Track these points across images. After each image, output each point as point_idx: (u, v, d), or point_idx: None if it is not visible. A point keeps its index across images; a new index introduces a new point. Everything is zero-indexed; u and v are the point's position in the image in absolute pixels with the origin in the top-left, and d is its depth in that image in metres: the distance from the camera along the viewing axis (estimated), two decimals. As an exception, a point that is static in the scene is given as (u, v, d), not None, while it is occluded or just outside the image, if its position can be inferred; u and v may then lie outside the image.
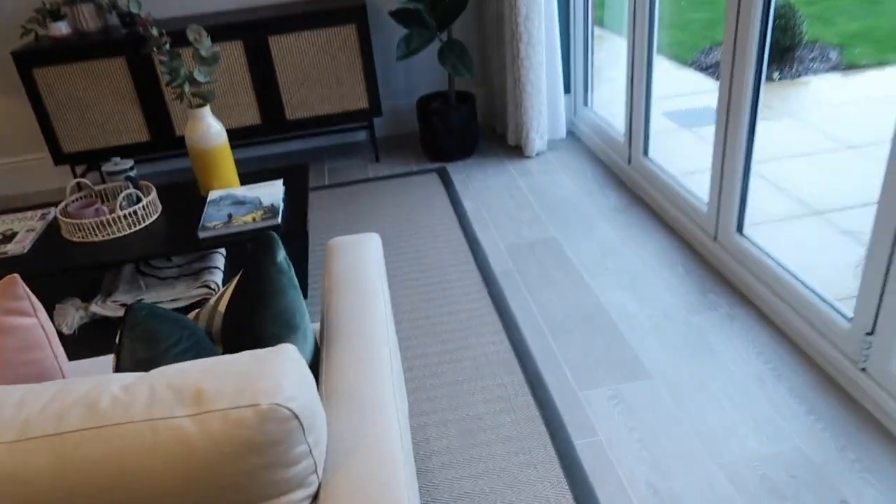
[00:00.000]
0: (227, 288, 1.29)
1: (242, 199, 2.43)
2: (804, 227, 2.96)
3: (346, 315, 1.27)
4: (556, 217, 3.08)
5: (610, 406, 1.98)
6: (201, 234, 2.25)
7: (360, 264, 1.44)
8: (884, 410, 1.79)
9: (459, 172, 3.62)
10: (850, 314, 1.94)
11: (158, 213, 2.47)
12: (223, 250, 2.65)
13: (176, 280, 2.46)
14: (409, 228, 3.12)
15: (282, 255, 1.22)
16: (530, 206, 3.20)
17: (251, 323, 1.15)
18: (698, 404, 1.95)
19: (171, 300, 2.38)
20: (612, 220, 3.00)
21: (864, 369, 1.86)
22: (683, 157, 3.71)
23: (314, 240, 3.11)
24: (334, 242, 1.57)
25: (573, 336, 2.30)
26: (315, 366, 1.21)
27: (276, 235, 1.24)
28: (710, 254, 2.62)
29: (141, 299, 2.37)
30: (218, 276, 2.44)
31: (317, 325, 1.55)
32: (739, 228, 2.47)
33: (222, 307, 1.23)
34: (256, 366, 0.88)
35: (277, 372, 0.87)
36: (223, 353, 1.22)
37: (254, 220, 2.28)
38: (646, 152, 3.16)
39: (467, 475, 1.79)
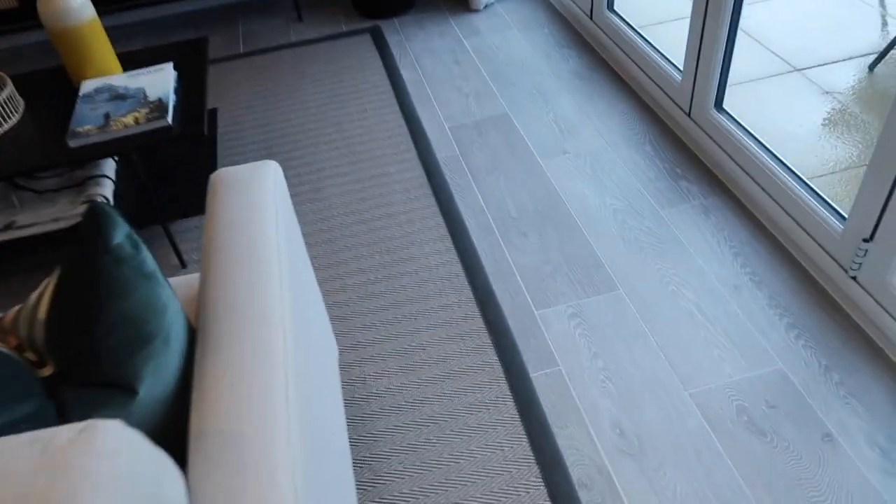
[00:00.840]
0: (46, 283, 0.93)
1: (123, 93, 1.96)
2: (785, 87, 2.63)
3: (229, 306, 0.95)
4: (508, 87, 2.68)
5: (570, 327, 1.75)
6: (71, 143, 1.82)
7: (250, 219, 1.09)
8: (874, 324, 1.60)
9: (395, 32, 3.11)
10: (845, 214, 1.69)
11: (21, 113, 2.00)
12: (114, 150, 2.21)
13: (57, 193, 2.05)
14: (337, 107, 2.69)
15: (121, 233, 0.87)
16: (478, 74, 2.78)
17: (80, 341, 0.82)
18: (669, 320, 1.73)
19: (52, 220, 1.99)
20: (573, 89, 2.61)
21: (854, 278, 1.64)
22: (657, 8, 3.24)
23: (227, 122, 2.66)
24: (218, 179, 1.20)
25: (528, 240, 2.02)
26: (189, 371, 0.91)
27: (107, 209, 0.87)
28: (683, 131, 2.30)
29: (13, 221, 1.97)
30: (107, 188, 2.04)
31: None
32: (718, 103, 2.13)
33: (42, 313, 0.89)
34: (44, 476, 0.57)
35: (78, 483, 0.56)
36: (55, 373, 0.90)
37: (136, 121, 1.84)
38: (610, 5, 2.70)
39: (411, 422, 1.58)
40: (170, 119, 1.85)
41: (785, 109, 2.50)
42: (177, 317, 0.90)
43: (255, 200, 1.13)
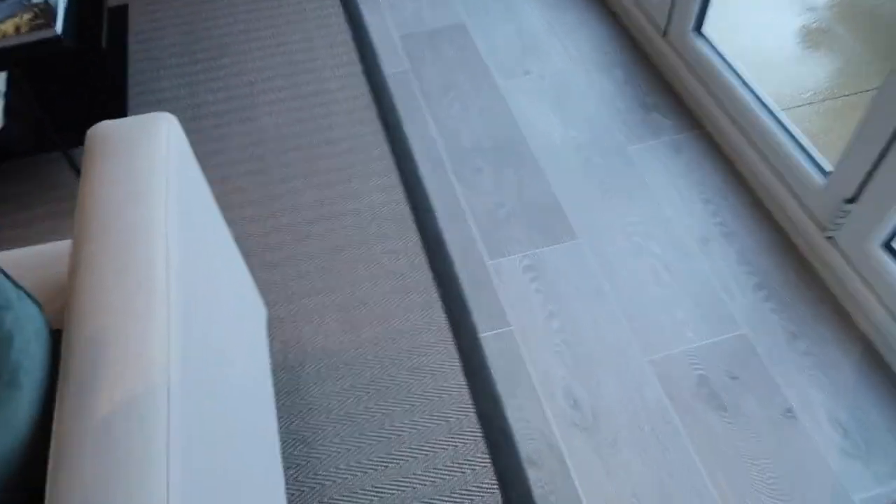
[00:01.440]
0: None
1: (2, -14, 1.62)
2: (765, 1, 2.41)
3: (99, 317, 0.75)
4: (467, -8, 2.37)
5: (525, 281, 1.61)
6: (-64, 53, 1.50)
7: (131, 198, 0.86)
8: (847, 292, 1.50)
9: (341, -84, 2.71)
10: (828, 168, 1.55)
11: None
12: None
13: (-70, 109, 1.74)
14: (272, 7, 2.35)
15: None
16: (434, -26, 2.45)
17: None
18: (631, 274, 1.60)
19: (-72, 140, 1.69)
20: (538, -2, 2.33)
21: (830, 237, 1.53)
22: None
23: (141, 21, 2.30)
24: (96, 138, 0.96)
25: (483, 177, 1.82)
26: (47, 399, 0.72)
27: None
28: (657, 54, 2.08)
29: None
30: (-9, 105, 1.73)
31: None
32: (698, 26, 1.91)
33: None
34: None
35: None
36: None
37: (17, 29, 1.52)
38: None
39: (349, 388, 1.44)
40: (59, 27, 1.54)
41: (764, 29, 2.30)
42: (28, 344, 0.70)
43: (141, 171, 0.90)
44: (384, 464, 1.33)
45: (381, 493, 1.29)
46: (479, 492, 1.29)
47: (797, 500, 1.27)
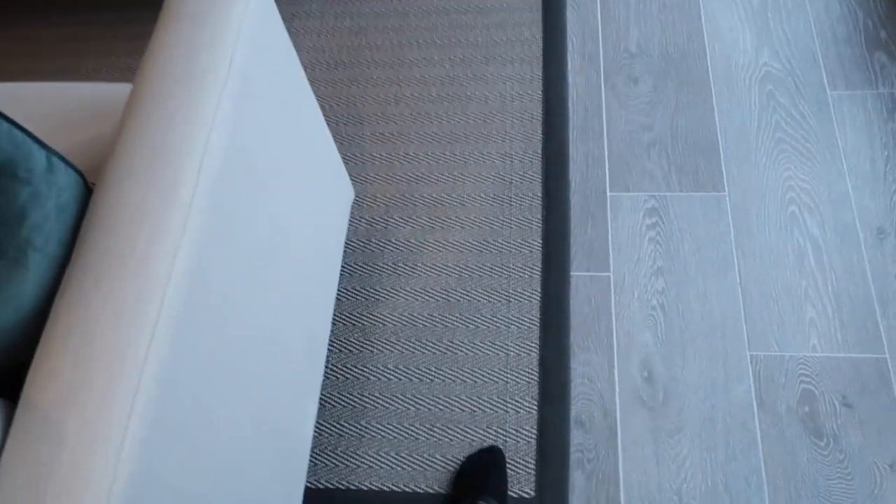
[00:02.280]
0: None
1: None
2: None
3: (116, 212, 0.71)
4: None
5: (643, 226, 1.41)
6: None
7: (190, 68, 0.79)
8: None
9: None
10: None
11: None
12: None
13: None
14: None
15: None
16: None
17: None
18: (771, 250, 1.35)
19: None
20: None
21: None
22: None
23: None
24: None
25: (637, 88, 1.57)
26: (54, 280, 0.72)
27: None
28: (915, -26, 1.60)
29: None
30: None
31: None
32: None
33: None
34: None
35: None
36: None
37: None
38: None
39: (420, 290, 1.39)
40: None
41: None
42: (45, 221, 0.69)
43: (209, 41, 0.82)
44: (430, 377, 1.30)
45: (419, 404, 1.27)
46: (515, 435, 1.23)
47: (866, 566, 1.10)
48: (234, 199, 0.80)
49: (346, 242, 1.44)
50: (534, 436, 1.23)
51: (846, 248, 1.34)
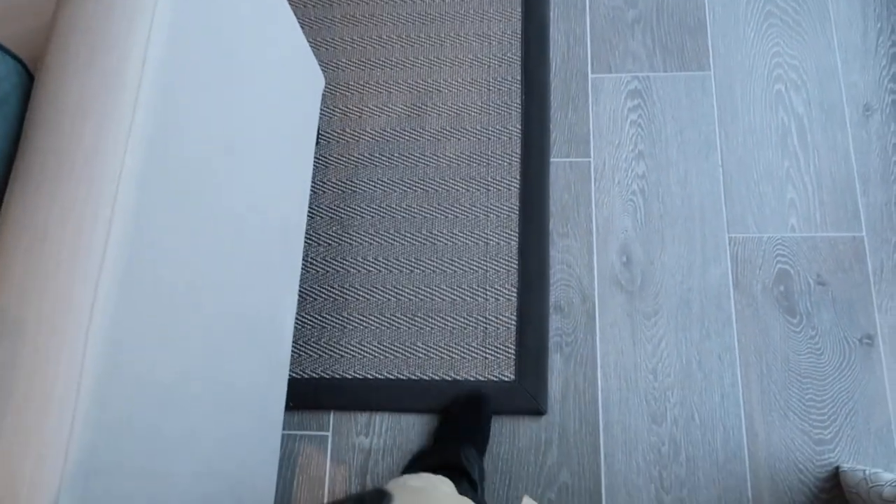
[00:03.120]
0: None
1: None
2: None
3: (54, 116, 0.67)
4: None
5: (625, 108, 1.37)
6: None
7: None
8: None
9: None
10: None
11: None
12: None
13: None
14: None
15: None
16: None
17: None
18: (754, 129, 1.33)
19: None
20: None
21: None
22: None
23: None
24: None
25: (623, -39, 1.47)
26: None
27: None
28: None
29: None
30: None
31: None
32: None
33: None
34: None
35: None
36: None
37: None
38: None
39: (397, 180, 1.36)
40: None
41: None
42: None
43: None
44: (410, 267, 1.30)
45: (400, 295, 1.28)
46: (496, 321, 1.25)
47: (831, 433, 1.15)
48: (185, 86, 0.76)
49: (320, 133, 1.39)
50: (513, 322, 1.25)
51: (831, 126, 1.31)
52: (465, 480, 0.96)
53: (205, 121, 0.80)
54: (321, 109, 1.41)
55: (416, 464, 1.10)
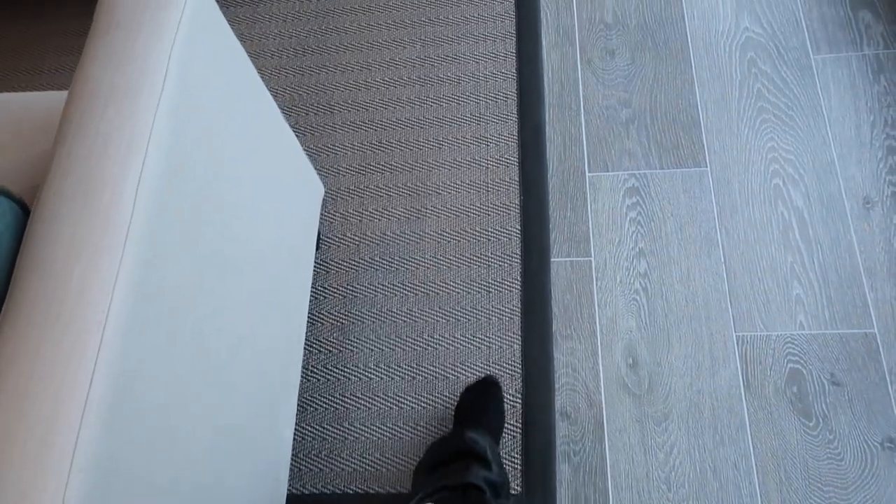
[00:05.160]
0: None
1: None
2: None
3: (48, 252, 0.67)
4: None
5: (623, 206, 1.37)
6: None
7: (125, 83, 0.74)
8: None
9: None
10: None
11: None
12: None
13: None
14: None
15: None
16: None
17: None
18: (755, 225, 1.32)
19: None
20: None
21: None
22: None
23: None
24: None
25: (614, 61, 1.51)
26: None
27: None
28: (900, -74, 1.53)
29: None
30: None
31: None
32: None
33: None
34: None
35: None
36: None
37: None
38: None
39: (398, 285, 1.35)
40: None
41: None
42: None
43: (141, 54, 0.77)
44: (412, 374, 1.28)
45: (402, 403, 1.25)
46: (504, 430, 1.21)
47: (857, 546, 1.09)
48: (179, 215, 0.76)
49: (320, 238, 1.40)
50: (519, 430, 1.21)
51: (832, 219, 1.31)
52: (477, 464, 0.90)
53: (197, 249, 0.80)
54: (322, 214, 1.42)
55: (425, 461, 1.01)
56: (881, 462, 1.13)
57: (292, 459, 1.22)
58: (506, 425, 1.21)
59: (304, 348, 1.30)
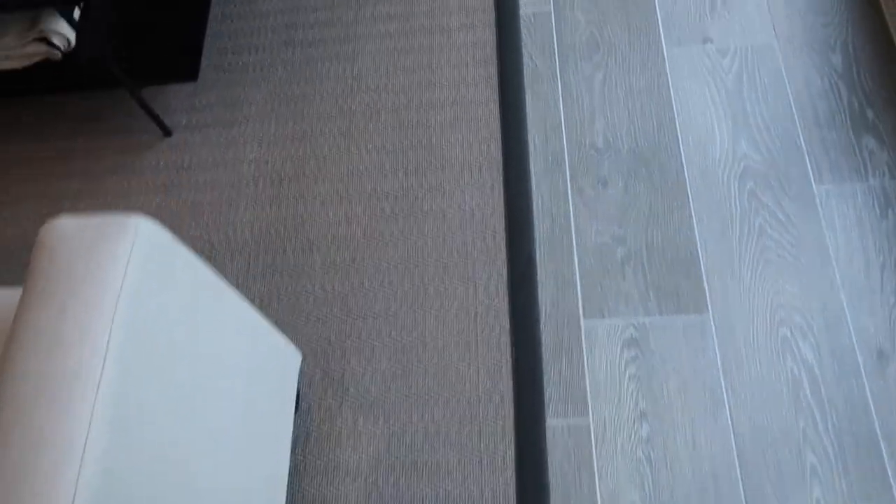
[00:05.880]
0: None
1: None
2: None
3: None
4: None
5: (622, 360, 1.29)
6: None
7: (66, 330, 0.65)
8: None
9: None
10: None
11: None
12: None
13: (8, 21, 1.57)
14: None
15: None
16: None
17: None
18: (762, 382, 1.24)
19: (3, 55, 1.55)
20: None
21: None
22: None
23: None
24: (47, 240, 0.74)
25: (607, 193, 1.44)
26: None
27: None
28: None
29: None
30: (62, 25, 1.53)
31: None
32: (981, 25, 1.29)
33: None
34: None
35: None
36: None
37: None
38: None
39: (382, 458, 1.27)
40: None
41: None
42: None
43: (88, 299, 0.69)
44: (402, 557, 1.18)
45: None
46: None
47: None
48: (137, 416, 0.67)
49: (300, 398, 1.31)
50: None
51: (845, 376, 1.23)
52: None
53: (160, 443, 0.71)
54: (303, 370, 1.33)
55: None
56: None
57: None
58: None
59: (284, 530, 1.20)
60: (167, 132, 1.63)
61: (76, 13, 1.43)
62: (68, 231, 0.77)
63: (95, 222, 0.78)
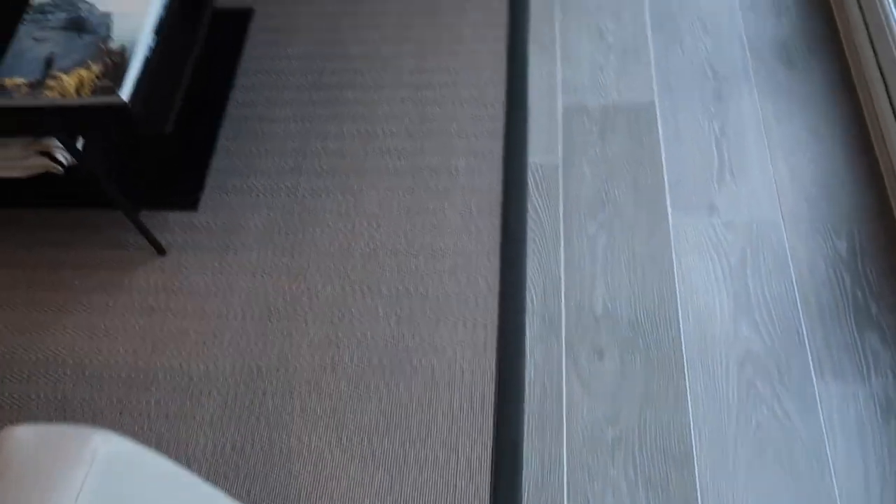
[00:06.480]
0: None
1: (85, 17, 1.35)
2: None
3: None
4: (671, 49, 1.79)
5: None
6: (-7, 105, 1.29)
7: None
8: None
9: None
10: None
11: (-34, 8, 1.44)
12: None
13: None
14: (424, 24, 1.91)
15: None
16: (638, 17, 1.87)
17: None
18: None
19: (6, 165, 1.53)
20: (767, 81, 1.71)
21: None
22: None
23: (263, 30, 1.97)
24: (5, 449, 0.70)
25: (601, 366, 1.39)
26: None
27: None
28: (908, 240, 1.45)
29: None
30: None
31: None
32: None
33: None
34: None
35: None
36: None
37: (80, 86, 1.26)
38: (886, -41, 1.64)
39: None
40: (126, 93, 1.26)
41: None
42: None
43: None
44: None
45: None
46: None
47: None
48: None
49: (261, 566, 1.24)
50: None
51: None
52: None
53: None
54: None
55: None
56: None
57: None
58: None
59: None
60: (161, 251, 1.60)
61: (79, 143, 1.42)
62: (24, 442, 0.73)
63: (55, 436, 0.74)
